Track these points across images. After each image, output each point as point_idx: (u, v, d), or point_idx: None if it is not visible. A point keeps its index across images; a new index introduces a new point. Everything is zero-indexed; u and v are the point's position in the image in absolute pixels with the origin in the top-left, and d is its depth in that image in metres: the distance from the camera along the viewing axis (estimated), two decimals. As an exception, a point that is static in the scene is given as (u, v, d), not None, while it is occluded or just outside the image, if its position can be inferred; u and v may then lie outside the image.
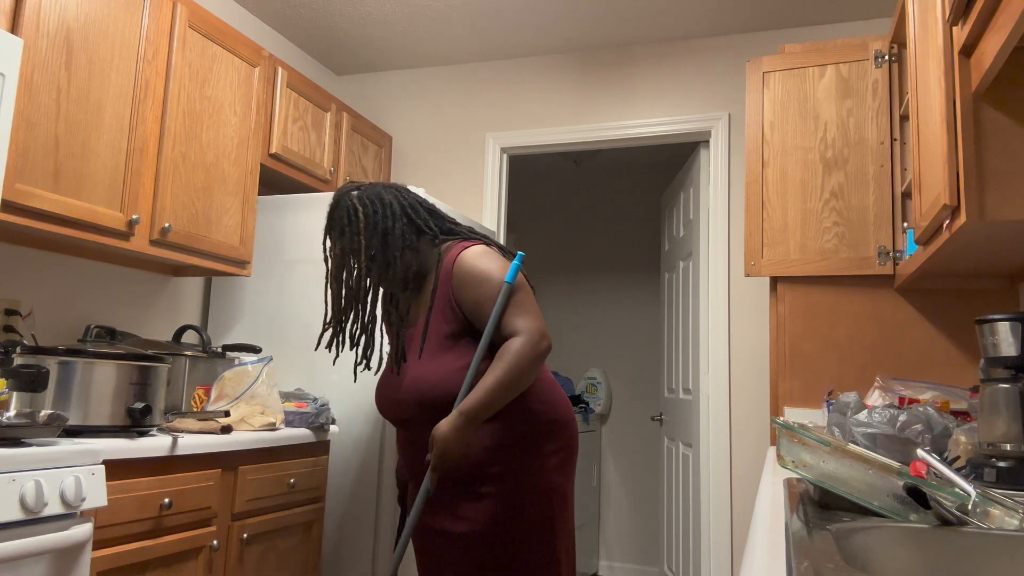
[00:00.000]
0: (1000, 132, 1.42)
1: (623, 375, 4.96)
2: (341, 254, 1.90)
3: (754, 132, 2.66)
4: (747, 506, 3.14)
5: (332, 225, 1.93)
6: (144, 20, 2.34)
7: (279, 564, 2.39)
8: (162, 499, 1.93)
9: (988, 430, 1.45)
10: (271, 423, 2.41)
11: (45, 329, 2.39)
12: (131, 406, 1.98)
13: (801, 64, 2.63)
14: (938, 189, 1.57)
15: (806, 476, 1.14)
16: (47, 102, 2.03)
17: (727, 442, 3.20)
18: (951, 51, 1.47)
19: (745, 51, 3.40)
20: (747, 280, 3.26)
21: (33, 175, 1.99)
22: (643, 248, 5.03)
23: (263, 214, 3.05)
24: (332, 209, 1.92)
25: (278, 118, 2.96)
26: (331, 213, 1.92)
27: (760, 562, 0.82)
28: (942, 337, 2.46)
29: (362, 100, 4.06)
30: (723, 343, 3.26)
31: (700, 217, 3.43)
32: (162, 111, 2.41)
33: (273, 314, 2.97)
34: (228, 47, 2.70)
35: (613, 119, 3.58)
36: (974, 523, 1.00)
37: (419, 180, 3.88)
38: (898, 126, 2.49)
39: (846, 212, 2.51)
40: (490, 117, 3.80)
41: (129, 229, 2.28)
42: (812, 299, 2.60)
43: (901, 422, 1.52)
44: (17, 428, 1.66)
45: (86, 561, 1.67)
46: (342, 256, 1.90)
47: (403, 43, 3.69)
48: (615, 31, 3.48)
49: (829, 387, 2.50)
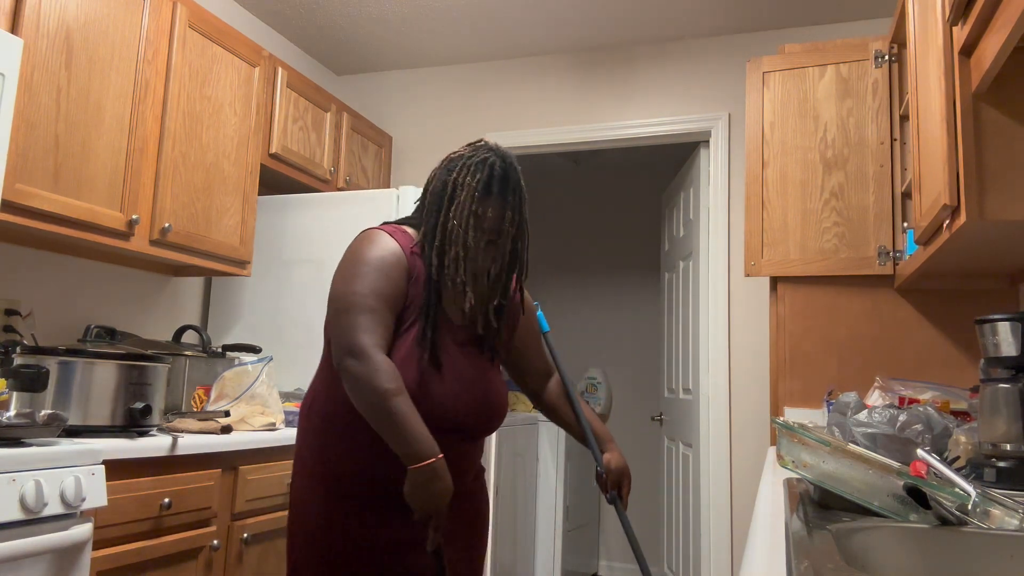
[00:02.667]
0: (1000, 132, 1.42)
1: (623, 375, 4.96)
2: (521, 222, 1.61)
3: (754, 132, 2.66)
4: (747, 506, 3.14)
5: (518, 189, 1.60)
6: (144, 20, 2.34)
7: (279, 564, 2.39)
8: (162, 499, 1.93)
9: (988, 430, 1.45)
10: (271, 423, 2.41)
11: (45, 329, 2.39)
12: (131, 406, 1.98)
13: (801, 64, 2.63)
14: (938, 189, 1.57)
15: (806, 476, 1.14)
16: (47, 102, 2.03)
17: (727, 442, 3.20)
18: (951, 51, 1.47)
19: (745, 51, 3.40)
20: (747, 280, 3.26)
21: (33, 175, 1.99)
22: (643, 248, 5.02)
23: (263, 214, 3.05)
24: (513, 171, 1.60)
25: (278, 118, 2.96)
26: (515, 174, 1.60)
27: (760, 562, 0.82)
28: (942, 337, 2.46)
29: (362, 100, 4.06)
30: (723, 343, 3.26)
31: (700, 217, 3.43)
32: (162, 111, 2.41)
33: (273, 314, 2.97)
34: (228, 47, 2.69)
35: (613, 119, 3.58)
36: (974, 523, 1.00)
37: (419, 180, 3.88)
38: (898, 126, 2.49)
39: (846, 212, 2.51)
40: (490, 117, 3.80)
41: (129, 229, 2.28)
42: (812, 299, 2.60)
43: (901, 422, 1.52)
44: (17, 428, 1.66)
45: (86, 561, 1.67)
46: (520, 226, 1.61)
47: (403, 43, 3.69)
48: (615, 31, 3.48)
49: (829, 387, 2.50)
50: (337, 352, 1.45)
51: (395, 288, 1.52)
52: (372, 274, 1.50)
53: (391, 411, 1.39)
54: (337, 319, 1.47)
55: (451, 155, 1.63)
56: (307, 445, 1.60)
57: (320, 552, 1.52)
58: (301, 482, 1.59)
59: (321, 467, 1.55)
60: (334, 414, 1.55)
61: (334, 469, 1.54)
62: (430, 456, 1.40)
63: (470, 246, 1.56)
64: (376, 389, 1.39)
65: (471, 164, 1.58)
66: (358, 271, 1.51)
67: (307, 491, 1.56)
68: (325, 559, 1.51)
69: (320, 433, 1.57)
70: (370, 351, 1.42)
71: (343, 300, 1.48)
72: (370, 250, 1.54)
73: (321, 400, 1.59)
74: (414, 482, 1.39)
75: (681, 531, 3.55)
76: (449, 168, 1.60)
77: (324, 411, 1.58)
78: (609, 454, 1.73)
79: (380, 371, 1.41)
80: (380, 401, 1.39)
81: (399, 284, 1.53)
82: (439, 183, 1.60)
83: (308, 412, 1.62)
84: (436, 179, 1.62)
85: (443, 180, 1.59)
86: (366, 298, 1.47)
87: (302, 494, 1.57)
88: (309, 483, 1.57)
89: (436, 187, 1.60)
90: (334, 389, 1.56)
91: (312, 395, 1.63)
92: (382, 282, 1.50)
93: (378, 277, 1.50)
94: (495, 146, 1.62)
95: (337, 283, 1.52)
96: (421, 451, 1.39)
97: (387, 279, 1.51)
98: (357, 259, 1.53)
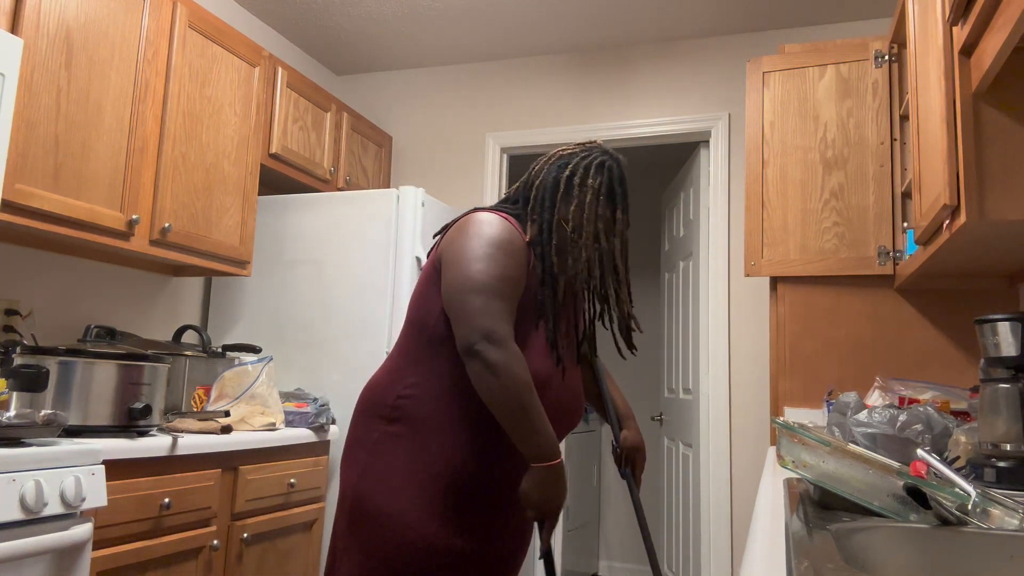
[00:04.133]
0: (1000, 132, 1.42)
1: (623, 375, 4.96)
2: (625, 227, 1.59)
3: (754, 132, 2.66)
4: (747, 506, 3.14)
5: (625, 193, 1.58)
6: (144, 20, 2.34)
7: (279, 564, 2.39)
8: (162, 499, 1.93)
9: (988, 430, 1.45)
10: (271, 423, 2.41)
11: (45, 329, 2.39)
12: (131, 406, 1.98)
13: (801, 64, 2.63)
14: (938, 189, 1.57)
15: (806, 476, 1.14)
16: (47, 102, 2.03)
17: (727, 442, 3.20)
18: (951, 51, 1.47)
19: (745, 51, 3.40)
20: (747, 280, 3.26)
21: (33, 175, 1.99)
22: (643, 248, 5.02)
23: (263, 214, 3.05)
24: (622, 174, 1.58)
25: (278, 118, 2.96)
26: (623, 178, 1.58)
27: (760, 562, 0.82)
28: (942, 337, 2.46)
29: (362, 100, 4.06)
30: (723, 343, 3.26)
31: (700, 217, 3.43)
32: (162, 111, 2.41)
33: (273, 314, 2.97)
34: (228, 47, 2.70)
35: (613, 119, 3.58)
36: (974, 523, 1.00)
37: (419, 180, 3.88)
38: (898, 126, 2.49)
39: (846, 212, 2.51)
40: (490, 117, 3.80)
41: (129, 229, 2.28)
42: (812, 299, 2.60)
43: (901, 422, 1.52)
44: (17, 428, 1.66)
45: (86, 561, 1.67)
46: (623, 231, 1.59)
47: (403, 43, 3.69)
48: (615, 31, 3.48)
49: (829, 387, 2.50)
50: (469, 335, 1.35)
51: (521, 275, 1.45)
52: (502, 258, 1.42)
53: (529, 405, 1.33)
54: (467, 300, 1.37)
55: (561, 152, 1.59)
56: (394, 450, 1.43)
57: (420, 559, 1.39)
58: (395, 486, 1.41)
59: (424, 472, 1.41)
60: (442, 410, 1.43)
61: (444, 471, 1.41)
62: (557, 456, 1.36)
63: (604, 249, 1.53)
64: (516, 378, 1.33)
65: (589, 165, 1.54)
66: (487, 252, 1.42)
67: (406, 497, 1.40)
68: (427, 568, 1.39)
69: (425, 432, 1.43)
70: (509, 340, 1.36)
71: (473, 280, 1.39)
72: (493, 232, 1.45)
73: (423, 396, 1.45)
74: (538, 481, 1.35)
75: (681, 531, 3.55)
76: (561, 165, 1.55)
77: (427, 408, 1.44)
78: (627, 431, 1.73)
79: (521, 362, 1.35)
80: (520, 393, 1.33)
81: (523, 272, 1.47)
82: (549, 179, 1.54)
83: (391, 411, 1.46)
84: (544, 174, 1.56)
85: (555, 177, 1.54)
86: (499, 281, 1.40)
87: (401, 501, 1.40)
88: (407, 489, 1.41)
89: (547, 183, 1.54)
90: (444, 381, 1.44)
91: (395, 391, 1.47)
92: (511, 268, 1.43)
93: (507, 262, 1.43)
94: (610, 149, 1.61)
95: (462, 262, 1.41)
96: (550, 450, 1.35)
97: (516, 265, 1.44)
98: (482, 239, 1.44)
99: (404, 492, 1.40)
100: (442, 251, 1.50)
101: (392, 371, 1.51)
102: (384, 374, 1.52)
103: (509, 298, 1.41)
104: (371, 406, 1.50)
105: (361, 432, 1.49)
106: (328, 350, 2.85)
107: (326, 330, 2.87)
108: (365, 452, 1.46)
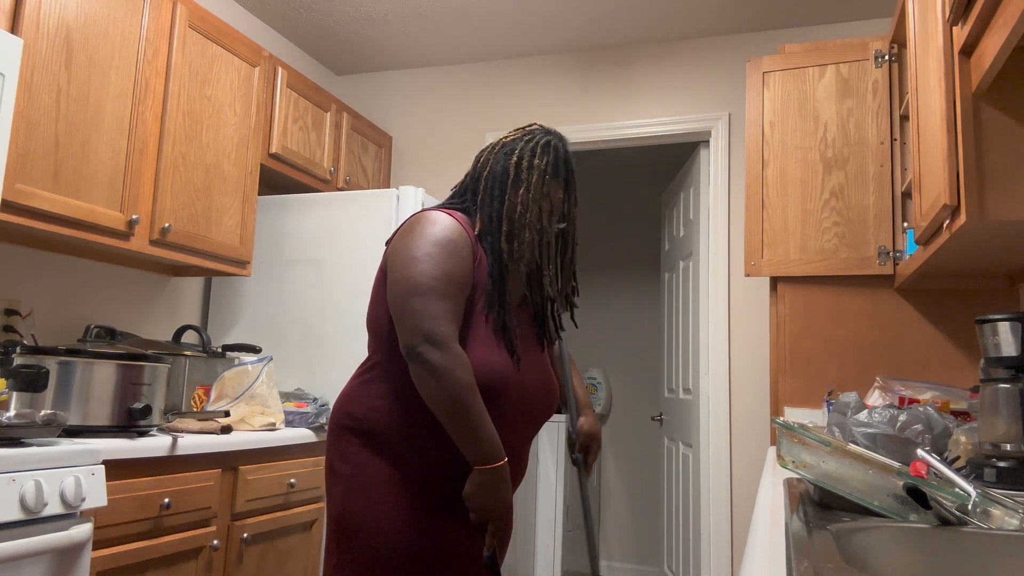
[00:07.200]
0: (1000, 132, 1.42)
1: (623, 375, 4.96)
2: (573, 205, 1.59)
3: (754, 132, 2.66)
4: (747, 506, 3.14)
5: (575, 172, 1.59)
6: (144, 20, 2.34)
7: (279, 564, 2.39)
8: (162, 499, 1.93)
9: (988, 430, 1.45)
10: (271, 423, 2.41)
11: (45, 329, 2.39)
12: (131, 406, 1.98)
13: (801, 64, 2.63)
14: (938, 189, 1.57)
15: (806, 476, 1.14)
16: (47, 102, 2.03)
17: (727, 442, 3.20)
18: (951, 51, 1.47)
19: (745, 51, 3.40)
20: (747, 280, 3.26)
21: (33, 175, 1.99)
22: (643, 248, 5.02)
23: (263, 214, 3.05)
24: (567, 152, 1.58)
25: (278, 118, 2.96)
26: (568, 156, 1.58)
27: (760, 562, 0.82)
28: (942, 337, 2.46)
29: (362, 100, 4.06)
30: (723, 343, 3.26)
31: (700, 217, 3.43)
32: (162, 111, 2.41)
33: (273, 314, 2.96)
34: (228, 47, 2.70)
35: (613, 119, 3.58)
36: (974, 523, 1.00)
37: (419, 180, 3.88)
38: (898, 126, 2.49)
39: (846, 212, 2.51)
40: (490, 117, 3.80)
41: (129, 229, 2.28)
42: (812, 299, 2.60)
43: (901, 422, 1.52)
44: (17, 428, 1.66)
45: (86, 561, 1.67)
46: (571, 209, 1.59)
47: (403, 43, 3.69)
48: (615, 31, 3.48)
49: (829, 387, 2.50)
50: (411, 338, 1.34)
51: (466, 272, 1.44)
52: (442, 256, 1.41)
53: (470, 407, 1.33)
54: (408, 303, 1.37)
55: (503, 140, 1.58)
56: (371, 462, 1.44)
57: (405, 567, 1.40)
58: (374, 498, 1.42)
59: (401, 481, 1.42)
60: (414, 419, 1.43)
61: (419, 478, 1.42)
62: (500, 458, 1.35)
63: (545, 229, 1.52)
64: (459, 382, 1.32)
65: (535, 147, 1.53)
66: (427, 252, 1.41)
67: (386, 507, 1.41)
68: (409, 572, 1.40)
69: (396, 441, 1.43)
70: (451, 341, 1.35)
71: (414, 282, 1.38)
72: (436, 231, 1.44)
73: (391, 405, 1.45)
74: (481, 483, 1.34)
75: (681, 531, 3.55)
76: (508, 152, 1.54)
77: (400, 417, 1.44)
78: (584, 418, 1.74)
79: (463, 364, 1.34)
80: (461, 395, 1.32)
81: (469, 268, 1.45)
82: (498, 168, 1.53)
83: (362, 423, 1.46)
84: (491, 164, 1.55)
85: (503, 165, 1.53)
86: (440, 282, 1.39)
87: (381, 511, 1.41)
88: (387, 498, 1.42)
89: (495, 172, 1.53)
90: (410, 388, 1.42)
91: (365, 403, 1.48)
92: (454, 265, 1.42)
93: (449, 260, 1.41)
94: (550, 128, 1.60)
95: (403, 264, 1.41)
96: (493, 452, 1.35)
97: (459, 262, 1.43)
98: (424, 239, 1.42)
99: (384, 503, 1.41)
100: (388, 254, 1.49)
101: (360, 384, 1.51)
102: (352, 387, 1.52)
103: (453, 297, 1.40)
104: (344, 420, 1.49)
105: (341, 446, 1.48)
106: (328, 350, 2.85)
107: (326, 330, 2.87)
108: (346, 466, 1.46)
